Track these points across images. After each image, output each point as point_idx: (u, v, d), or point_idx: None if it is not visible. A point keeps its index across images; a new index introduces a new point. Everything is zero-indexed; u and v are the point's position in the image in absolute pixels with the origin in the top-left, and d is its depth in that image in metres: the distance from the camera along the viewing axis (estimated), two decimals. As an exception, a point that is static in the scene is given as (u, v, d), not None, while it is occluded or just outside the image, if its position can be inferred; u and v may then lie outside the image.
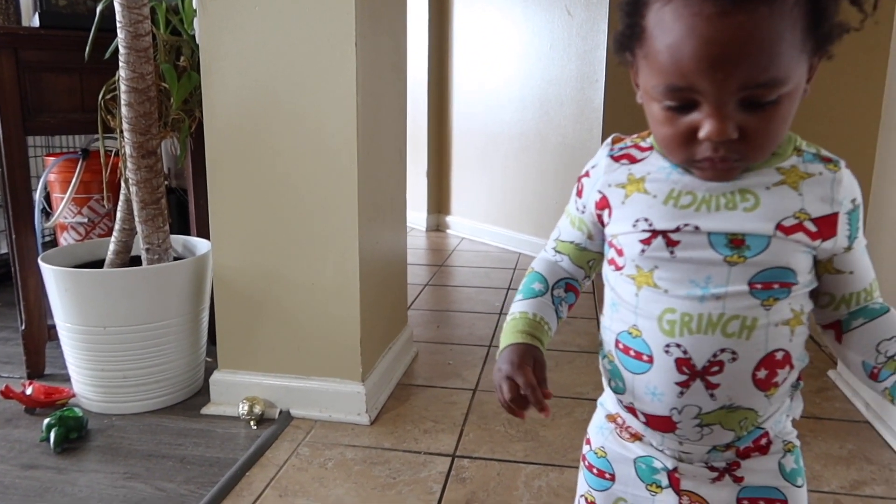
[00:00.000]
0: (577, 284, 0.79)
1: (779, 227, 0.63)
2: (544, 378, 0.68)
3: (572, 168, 3.09)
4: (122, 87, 1.58)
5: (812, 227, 0.64)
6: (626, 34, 0.63)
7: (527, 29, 3.24)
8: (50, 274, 1.60)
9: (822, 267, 0.68)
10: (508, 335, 0.73)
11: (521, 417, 0.67)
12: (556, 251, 0.79)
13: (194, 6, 1.69)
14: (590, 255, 0.78)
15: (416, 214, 3.90)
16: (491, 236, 3.56)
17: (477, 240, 3.62)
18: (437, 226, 3.93)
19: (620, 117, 2.87)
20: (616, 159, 0.71)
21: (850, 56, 0.62)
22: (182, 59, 1.79)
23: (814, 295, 0.70)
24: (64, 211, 2.43)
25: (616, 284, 0.71)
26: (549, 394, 0.66)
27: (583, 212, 0.75)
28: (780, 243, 0.63)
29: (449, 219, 3.89)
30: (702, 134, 0.59)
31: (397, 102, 1.82)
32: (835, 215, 0.65)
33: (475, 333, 2.20)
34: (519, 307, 0.76)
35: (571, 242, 0.78)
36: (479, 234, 3.64)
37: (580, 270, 0.79)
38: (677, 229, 0.65)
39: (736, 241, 0.63)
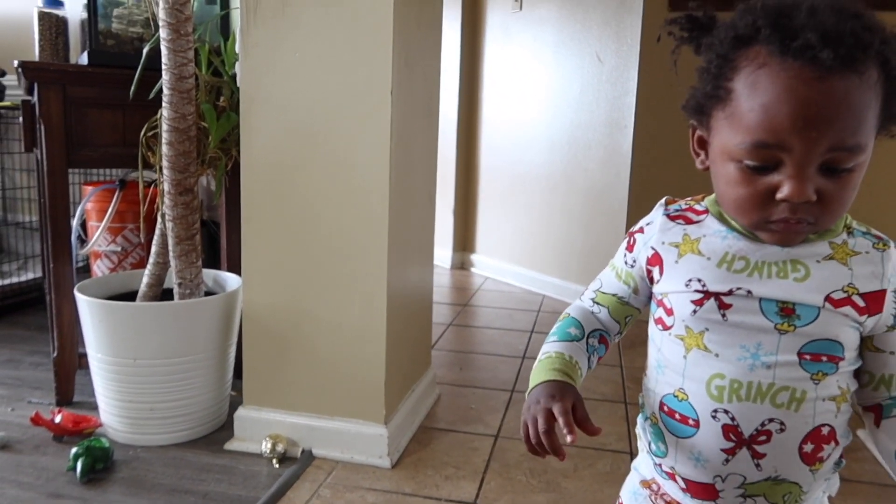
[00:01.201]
0: (610, 338, 0.80)
1: (828, 298, 0.64)
2: (587, 415, 0.68)
3: (598, 212, 3.10)
4: (164, 127, 1.63)
5: (860, 302, 0.65)
6: (709, 94, 0.65)
7: (557, 73, 3.28)
8: (84, 305, 1.64)
9: (864, 344, 0.69)
10: (542, 372, 0.72)
11: (542, 456, 0.67)
12: (595, 302, 0.80)
13: (236, 49, 1.74)
14: (629, 311, 0.79)
15: (441, 251, 3.92)
16: (515, 277, 3.57)
17: (501, 280, 3.63)
18: (461, 264, 3.95)
19: (649, 163, 2.89)
20: (672, 218, 0.73)
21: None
22: (222, 98, 1.84)
23: (856, 374, 0.70)
24: (99, 239, 2.49)
25: (663, 345, 0.71)
26: (595, 430, 0.66)
27: (632, 266, 0.76)
28: (829, 315, 0.64)
29: (474, 257, 3.90)
30: (781, 194, 0.60)
31: (429, 147, 1.85)
32: (883, 292, 0.66)
33: (498, 377, 2.19)
34: (554, 347, 0.76)
35: (614, 295, 0.78)
36: (504, 273, 3.64)
37: (616, 325, 0.79)
38: (730, 292, 0.66)
39: (787, 310, 0.65)
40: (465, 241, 3.95)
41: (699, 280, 0.67)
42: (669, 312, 0.70)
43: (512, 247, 3.63)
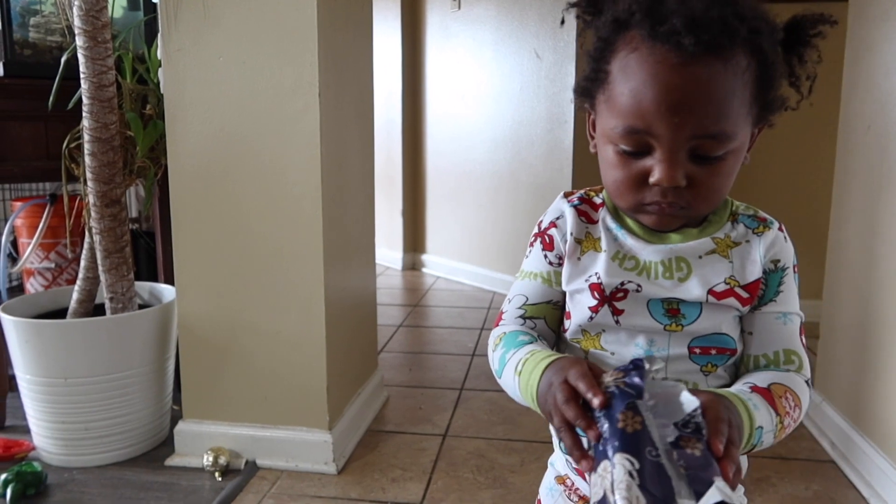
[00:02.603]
0: None
1: (710, 292, 0.65)
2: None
3: (543, 207, 3.07)
4: (86, 137, 1.58)
5: (744, 294, 0.66)
6: (591, 78, 0.65)
7: (497, 71, 3.29)
8: (10, 325, 1.57)
9: None
10: (532, 370, 0.62)
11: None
12: (527, 317, 0.72)
13: (159, 56, 1.70)
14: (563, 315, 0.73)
15: (392, 253, 3.90)
16: (466, 275, 3.57)
17: (452, 279, 3.62)
18: (412, 264, 3.94)
19: (590, 157, 2.90)
20: (579, 213, 0.72)
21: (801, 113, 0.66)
22: (148, 107, 1.79)
23: None
24: (31, 256, 2.41)
25: (564, 346, 0.72)
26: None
27: (559, 264, 0.72)
28: (713, 309, 0.66)
29: (424, 257, 3.89)
30: (653, 178, 0.61)
31: (364, 148, 1.84)
32: (760, 279, 0.67)
33: (447, 376, 2.19)
34: (520, 354, 0.66)
35: (548, 303, 0.72)
36: (455, 272, 3.64)
37: (553, 335, 0.74)
38: (622, 285, 0.67)
39: (672, 311, 0.66)
40: (415, 242, 3.94)
41: (596, 273, 0.68)
42: (567, 316, 0.71)
43: (461, 245, 3.63)
